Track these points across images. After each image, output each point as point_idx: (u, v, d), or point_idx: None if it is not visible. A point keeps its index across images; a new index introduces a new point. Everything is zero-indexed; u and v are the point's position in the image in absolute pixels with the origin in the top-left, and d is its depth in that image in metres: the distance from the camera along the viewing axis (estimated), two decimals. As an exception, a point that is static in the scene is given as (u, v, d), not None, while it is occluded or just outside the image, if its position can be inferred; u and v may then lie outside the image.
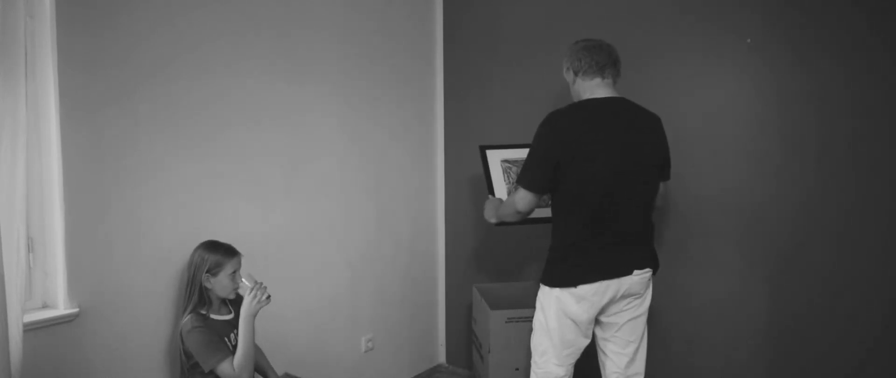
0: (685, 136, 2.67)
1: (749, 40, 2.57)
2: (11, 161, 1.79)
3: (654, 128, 2.21)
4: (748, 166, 2.60)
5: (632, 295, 2.20)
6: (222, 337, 2.19)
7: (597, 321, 2.25)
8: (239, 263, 2.24)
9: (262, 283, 2.15)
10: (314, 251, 2.86)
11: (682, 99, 2.72)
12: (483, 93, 3.35)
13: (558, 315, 2.19)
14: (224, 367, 2.10)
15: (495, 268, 3.39)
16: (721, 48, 2.63)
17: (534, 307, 3.04)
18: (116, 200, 2.13)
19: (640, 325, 2.25)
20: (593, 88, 2.18)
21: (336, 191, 2.96)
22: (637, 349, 2.26)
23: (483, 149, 2.71)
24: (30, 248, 1.98)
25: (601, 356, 2.32)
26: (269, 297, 2.15)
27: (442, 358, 3.67)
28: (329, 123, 2.90)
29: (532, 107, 3.15)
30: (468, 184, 3.45)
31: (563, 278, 2.18)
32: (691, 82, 2.71)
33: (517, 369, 2.85)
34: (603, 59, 2.16)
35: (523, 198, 2.20)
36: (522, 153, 2.32)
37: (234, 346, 2.20)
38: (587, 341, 2.24)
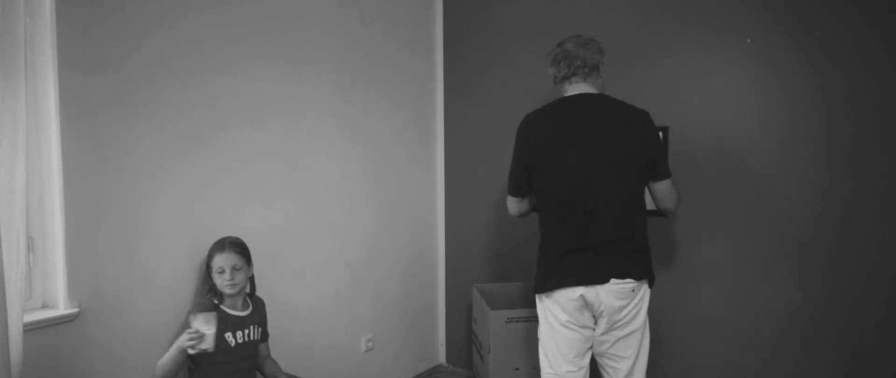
0: (684, 135, 2.67)
1: (749, 40, 2.56)
2: (11, 161, 1.80)
3: (635, 123, 2.08)
4: (749, 166, 2.60)
5: (614, 308, 2.06)
6: (220, 331, 2.18)
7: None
8: (227, 259, 2.23)
9: (201, 334, 2.01)
10: (314, 251, 2.86)
11: (682, 98, 2.71)
12: (483, 92, 3.35)
13: (547, 319, 2.18)
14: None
15: (495, 268, 3.39)
16: (722, 47, 2.63)
17: (534, 307, 3.07)
18: (116, 200, 2.13)
19: (633, 342, 2.13)
20: (566, 88, 2.17)
21: (336, 191, 2.96)
22: (633, 364, 2.15)
23: None
24: (30, 248, 1.98)
25: (599, 365, 2.25)
26: (201, 348, 2.02)
27: (442, 358, 3.67)
28: (329, 123, 2.90)
29: (533, 106, 3.15)
30: (468, 183, 3.45)
31: (541, 284, 2.16)
32: (691, 82, 2.71)
33: (517, 369, 2.85)
34: (567, 69, 2.12)
35: (508, 201, 2.23)
36: None
37: (238, 345, 2.23)
38: (591, 337, 2.16)
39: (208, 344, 2.02)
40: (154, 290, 2.24)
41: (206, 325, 2.02)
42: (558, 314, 2.14)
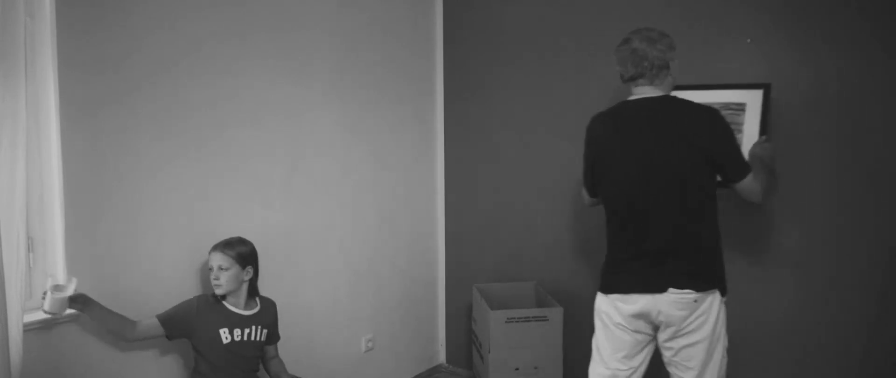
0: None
1: (749, 40, 2.56)
2: (11, 161, 1.80)
3: (701, 125, 2.00)
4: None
5: (675, 318, 2.01)
6: (212, 325, 2.21)
7: (659, 339, 2.13)
8: (214, 258, 2.25)
9: (45, 292, 1.92)
10: (314, 251, 2.86)
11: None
12: (483, 92, 3.34)
13: (599, 316, 2.19)
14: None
15: (495, 268, 3.39)
16: (721, 47, 2.63)
17: (534, 307, 3.08)
18: (116, 200, 2.13)
19: (699, 352, 2.04)
20: (632, 90, 2.13)
21: (336, 190, 2.96)
22: (699, 375, 2.07)
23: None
24: (30, 248, 1.98)
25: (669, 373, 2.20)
26: (43, 308, 1.92)
27: (442, 358, 3.67)
28: (329, 123, 2.90)
29: (533, 105, 3.16)
30: (468, 183, 3.45)
31: (603, 284, 2.18)
32: (690, 80, 2.70)
33: (517, 369, 2.85)
34: (635, 70, 2.07)
35: (584, 196, 2.33)
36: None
37: (234, 342, 2.23)
38: (644, 342, 2.14)
39: (47, 305, 1.89)
40: (154, 289, 2.25)
41: (64, 289, 1.93)
42: (612, 314, 2.14)
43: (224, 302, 2.27)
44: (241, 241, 2.32)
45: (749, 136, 2.36)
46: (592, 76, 2.95)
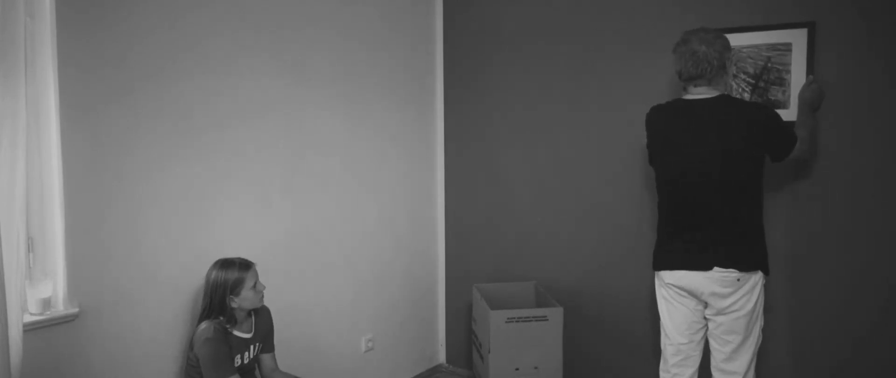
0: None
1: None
2: (11, 161, 1.80)
3: (751, 123, 2.14)
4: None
5: (717, 295, 2.17)
6: (233, 355, 2.21)
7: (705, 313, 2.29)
8: (256, 273, 2.27)
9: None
10: (314, 251, 2.86)
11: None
12: (484, 90, 3.34)
13: (659, 292, 2.35)
14: None
15: (495, 268, 3.39)
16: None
17: (534, 307, 3.08)
18: (116, 200, 2.13)
19: (738, 327, 2.19)
20: (689, 89, 2.24)
21: (336, 190, 2.96)
22: (736, 349, 2.22)
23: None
24: (30, 248, 1.98)
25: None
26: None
27: (442, 358, 3.67)
28: (329, 123, 2.90)
29: (533, 105, 3.16)
30: (468, 183, 3.45)
31: (654, 261, 2.36)
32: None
33: (517, 369, 2.85)
34: (695, 70, 2.17)
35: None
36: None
37: (241, 366, 2.24)
38: (700, 310, 2.27)
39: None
40: (154, 289, 2.24)
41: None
42: (665, 289, 2.32)
43: (233, 331, 2.25)
44: None
45: (796, 76, 2.38)
46: (593, 75, 2.95)
